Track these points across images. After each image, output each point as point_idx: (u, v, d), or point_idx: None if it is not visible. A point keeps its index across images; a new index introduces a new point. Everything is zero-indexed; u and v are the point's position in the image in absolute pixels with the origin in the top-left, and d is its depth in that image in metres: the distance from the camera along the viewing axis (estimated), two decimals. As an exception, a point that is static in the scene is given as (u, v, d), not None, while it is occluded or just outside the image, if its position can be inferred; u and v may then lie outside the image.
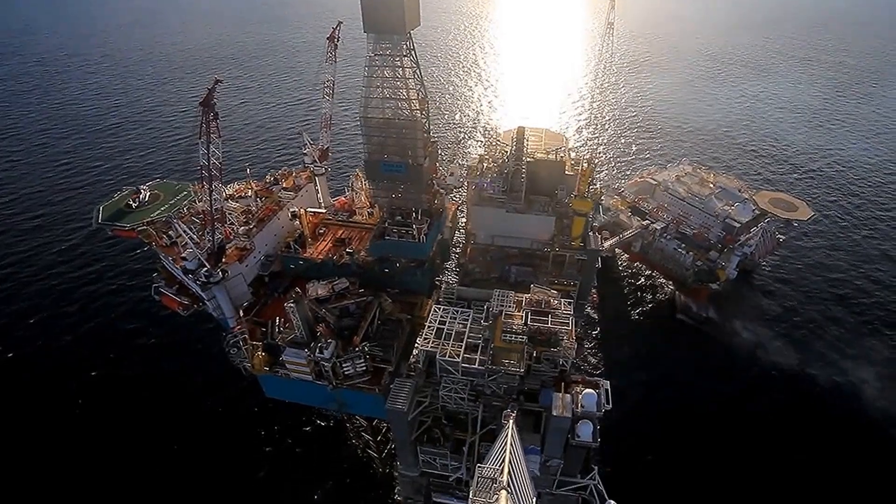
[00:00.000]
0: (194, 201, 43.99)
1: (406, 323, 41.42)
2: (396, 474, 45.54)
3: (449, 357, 33.47)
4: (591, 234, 43.89)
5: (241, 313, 42.21)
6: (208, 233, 39.53)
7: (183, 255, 40.85)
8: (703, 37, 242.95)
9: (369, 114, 38.42)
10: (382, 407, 36.16)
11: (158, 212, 44.91)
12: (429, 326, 35.86)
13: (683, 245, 70.76)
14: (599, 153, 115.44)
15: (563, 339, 33.73)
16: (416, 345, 35.76)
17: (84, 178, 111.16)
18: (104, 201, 46.09)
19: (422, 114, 38.61)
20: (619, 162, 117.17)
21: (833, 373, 64.65)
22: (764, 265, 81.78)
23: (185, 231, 39.99)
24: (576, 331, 35.65)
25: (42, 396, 62.11)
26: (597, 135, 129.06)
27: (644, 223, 71.81)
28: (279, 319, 40.36)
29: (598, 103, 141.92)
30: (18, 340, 69.21)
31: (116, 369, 65.43)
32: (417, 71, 37.20)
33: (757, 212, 69.60)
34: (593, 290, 50.50)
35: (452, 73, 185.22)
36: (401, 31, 35.07)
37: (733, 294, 74.99)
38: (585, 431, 31.73)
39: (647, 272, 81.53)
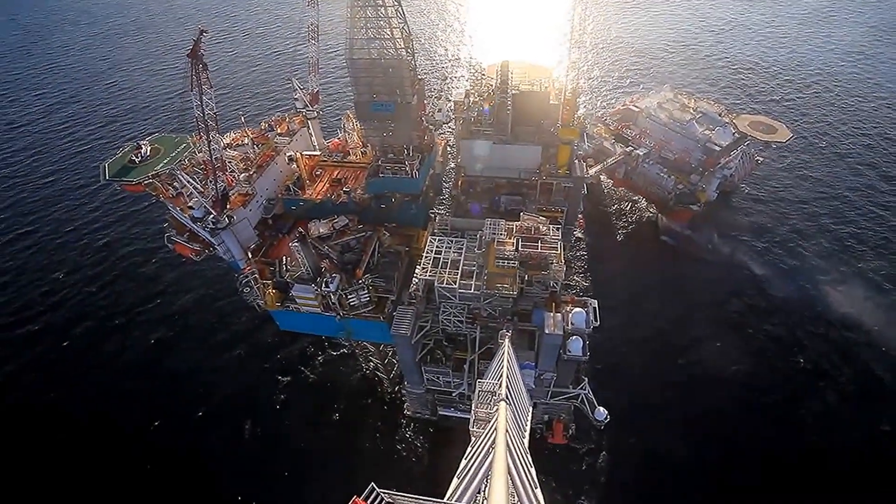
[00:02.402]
0: (194, 152, 42.59)
1: (405, 254, 41.80)
2: (405, 392, 47.78)
3: (446, 284, 34.10)
4: (576, 161, 43.00)
5: (250, 255, 42.27)
6: (211, 182, 38.83)
7: (189, 204, 40.52)
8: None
9: (355, 55, 36.56)
10: (388, 333, 37.51)
11: (161, 165, 43.58)
12: (426, 257, 36.20)
13: (665, 169, 69.75)
14: (583, 83, 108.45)
15: (552, 263, 34.07)
16: (415, 274, 36.23)
17: (85, 140, 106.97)
18: (108, 159, 44.72)
19: (407, 52, 36.73)
20: (602, 90, 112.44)
21: (809, 286, 65.17)
22: (743, 186, 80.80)
23: (188, 181, 39.41)
24: (564, 254, 35.85)
25: (75, 347, 63.93)
26: (580, 65, 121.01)
27: (627, 150, 70.45)
28: (286, 258, 40.70)
29: (579, 33, 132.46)
30: (52, 298, 69.83)
31: (139, 314, 66.99)
32: (400, 9, 35.00)
33: (737, 135, 67.65)
34: (580, 216, 50.17)
35: (434, 9, 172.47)
36: (379, -34, 32.39)
37: (714, 215, 74.44)
38: (575, 347, 32.91)
39: (632, 197, 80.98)
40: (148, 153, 44.74)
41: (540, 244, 34.37)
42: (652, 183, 71.31)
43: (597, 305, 34.43)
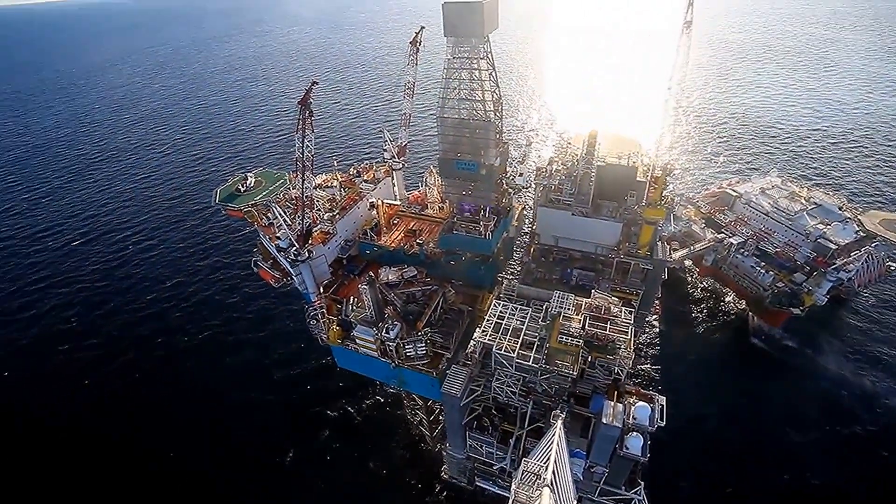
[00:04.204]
0: (289, 188, 46.74)
1: (467, 314, 40.97)
2: (445, 453, 45.59)
3: (505, 351, 32.45)
4: (659, 243, 40.43)
5: (322, 290, 44.04)
6: (299, 217, 41.71)
7: (277, 234, 43.73)
8: (802, 35, 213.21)
9: (446, 114, 38.06)
10: (438, 390, 36.26)
11: (260, 196, 48.60)
12: (488, 320, 34.98)
13: (763, 263, 62.89)
14: (675, 160, 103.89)
15: (620, 348, 31.40)
16: (475, 336, 35.36)
17: (207, 170, 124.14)
18: (221, 185, 50.98)
19: (496, 114, 37.56)
20: (695, 170, 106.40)
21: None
22: (865, 295, 69.16)
23: (280, 214, 42.66)
24: (634, 340, 33.17)
25: (171, 342, 71.49)
26: (674, 141, 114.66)
27: (719, 236, 64.91)
28: (353, 298, 41.67)
29: (676, 108, 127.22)
30: (157, 306, 79.16)
31: (219, 335, 72.52)
32: (493, 73, 36.21)
33: (862, 233, 59.40)
34: (657, 301, 46.32)
35: (532, 75, 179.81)
36: (479, 35, 34.20)
37: (820, 323, 63.98)
38: (635, 444, 29.27)
39: (719, 288, 73.36)
40: (252, 184, 50.41)
41: (609, 325, 31.95)
42: (745, 276, 64.27)
43: (664, 403, 30.68)
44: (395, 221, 49.00)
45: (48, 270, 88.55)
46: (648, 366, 61.12)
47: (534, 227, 44.08)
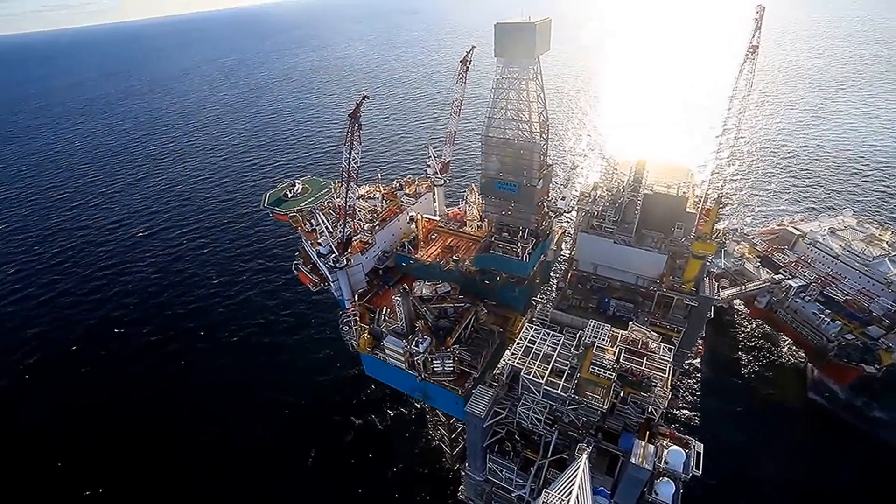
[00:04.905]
0: (333, 197, 48.54)
1: (497, 335, 40.54)
2: (463, 473, 44.86)
3: (533, 376, 31.80)
4: (706, 279, 38.59)
5: (356, 297, 45.00)
6: (340, 225, 43.06)
7: (319, 240, 45.30)
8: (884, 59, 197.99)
9: (491, 133, 38.43)
10: (462, 408, 35.95)
11: (306, 203, 50.50)
12: (519, 343, 34.53)
13: (828, 311, 57.85)
14: (732, 192, 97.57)
15: (655, 386, 30.08)
16: (504, 358, 34.87)
17: (258, 175, 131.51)
18: (270, 190, 53.66)
19: (541, 136, 37.50)
20: (755, 205, 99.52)
21: None
22: None
23: (323, 221, 44.13)
24: (672, 379, 31.60)
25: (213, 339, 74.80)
26: (733, 172, 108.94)
27: (776, 277, 60.65)
28: (386, 309, 42.30)
29: (736, 137, 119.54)
30: (207, 301, 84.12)
31: (254, 334, 75.67)
32: (541, 94, 36.24)
33: None
34: (700, 340, 43.64)
35: (579, 97, 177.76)
36: (530, 56, 34.50)
37: None
38: (666, 491, 27.62)
39: (773, 334, 68.06)
40: (299, 191, 52.47)
41: (645, 361, 30.77)
42: (805, 323, 59.34)
43: (702, 450, 28.86)
44: (433, 236, 49.48)
45: (115, 259, 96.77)
46: (687, 411, 57.48)
47: (573, 252, 43.27)
